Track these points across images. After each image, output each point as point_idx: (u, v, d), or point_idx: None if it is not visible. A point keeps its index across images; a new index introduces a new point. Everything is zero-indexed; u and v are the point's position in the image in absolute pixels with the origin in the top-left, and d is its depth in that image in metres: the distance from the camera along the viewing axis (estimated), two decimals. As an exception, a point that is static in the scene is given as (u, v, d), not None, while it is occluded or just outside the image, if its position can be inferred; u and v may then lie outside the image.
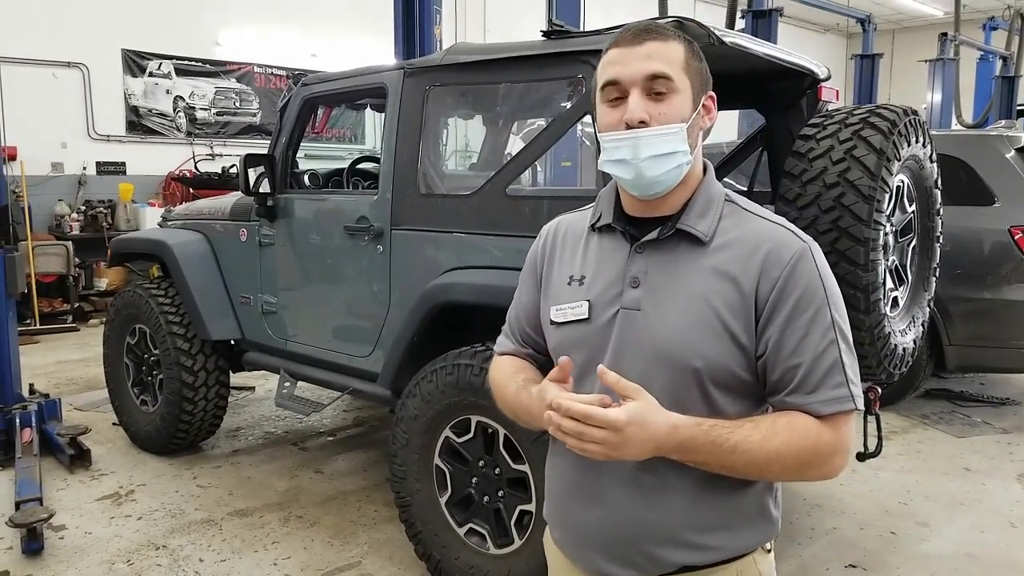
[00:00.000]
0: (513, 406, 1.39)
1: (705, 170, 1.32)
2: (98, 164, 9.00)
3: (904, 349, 2.89)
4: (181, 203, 7.76)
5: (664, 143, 1.21)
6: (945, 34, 12.46)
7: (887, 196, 2.62)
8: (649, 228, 1.28)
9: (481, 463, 2.83)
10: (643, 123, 1.20)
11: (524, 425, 1.41)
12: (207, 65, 9.84)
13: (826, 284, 1.22)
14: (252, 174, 3.66)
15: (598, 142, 2.64)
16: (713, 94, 1.30)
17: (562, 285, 1.36)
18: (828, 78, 3.23)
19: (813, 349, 1.19)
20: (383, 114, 3.38)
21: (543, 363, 1.46)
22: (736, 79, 3.11)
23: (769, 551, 1.34)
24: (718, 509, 1.26)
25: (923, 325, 3.13)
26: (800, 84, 3.19)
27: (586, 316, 1.30)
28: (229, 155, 9.87)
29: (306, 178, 4.06)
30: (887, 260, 2.79)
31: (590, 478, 1.30)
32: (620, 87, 1.22)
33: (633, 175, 1.23)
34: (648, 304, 1.25)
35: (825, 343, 1.19)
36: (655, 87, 1.21)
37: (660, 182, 1.24)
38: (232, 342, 4.20)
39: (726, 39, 2.53)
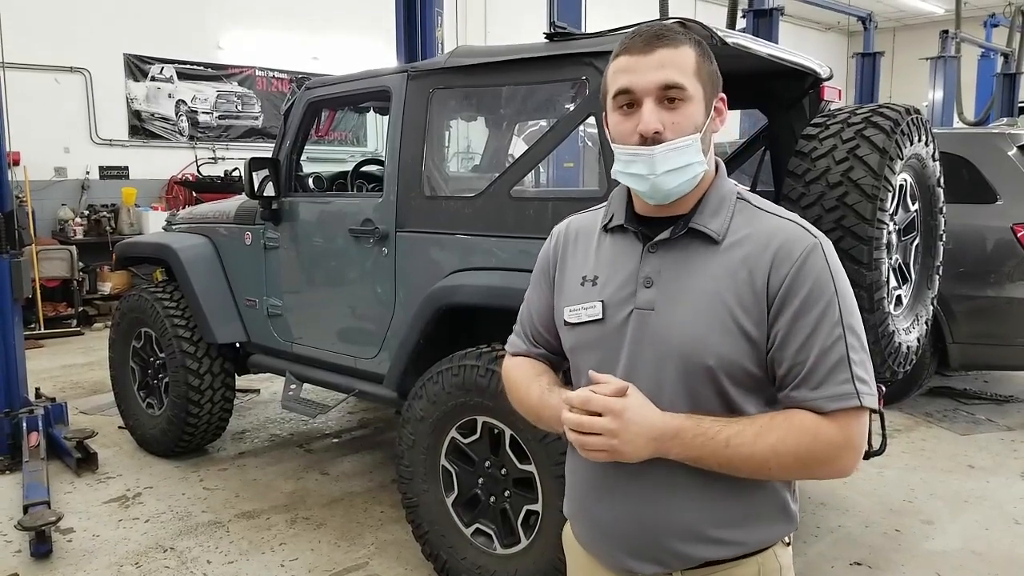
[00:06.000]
0: (537, 408, 1.39)
1: (716, 169, 1.32)
2: (101, 168, 9.02)
3: (908, 347, 2.90)
4: (184, 207, 7.80)
5: (679, 156, 1.21)
6: (946, 32, 12.44)
7: (890, 195, 2.63)
8: (662, 228, 1.29)
9: (487, 463, 2.84)
10: (658, 133, 1.20)
11: (546, 428, 1.41)
12: (209, 69, 9.86)
13: (836, 280, 1.21)
14: (256, 177, 3.68)
15: (602, 144, 2.65)
16: (723, 95, 1.30)
17: (575, 285, 1.36)
18: (830, 77, 3.24)
19: (820, 345, 1.18)
20: (386, 117, 3.39)
21: (555, 363, 1.47)
22: (738, 79, 3.12)
23: (788, 544, 1.35)
24: (738, 504, 1.27)
25: (927, 323, 3.14)
26: (802, 84, 3.20)
27: (600, 317, 1.30)
28: (231, 159, 9.90)
29: (310, 181, 4.07)
30: (890, 258, 2.80)
31: (611, 473, 1.30)
32: (632, 95, 1.22)
33: (649, 188, 1.24)
34: (661, 304, 1.25)
35: (832, 339, 1.18)
36: (668, 95, 1.21)
37: (675, 192, 1.25)
38: (237, 345, 4.22)
39: (728, 39, 2.54)
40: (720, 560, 1.28)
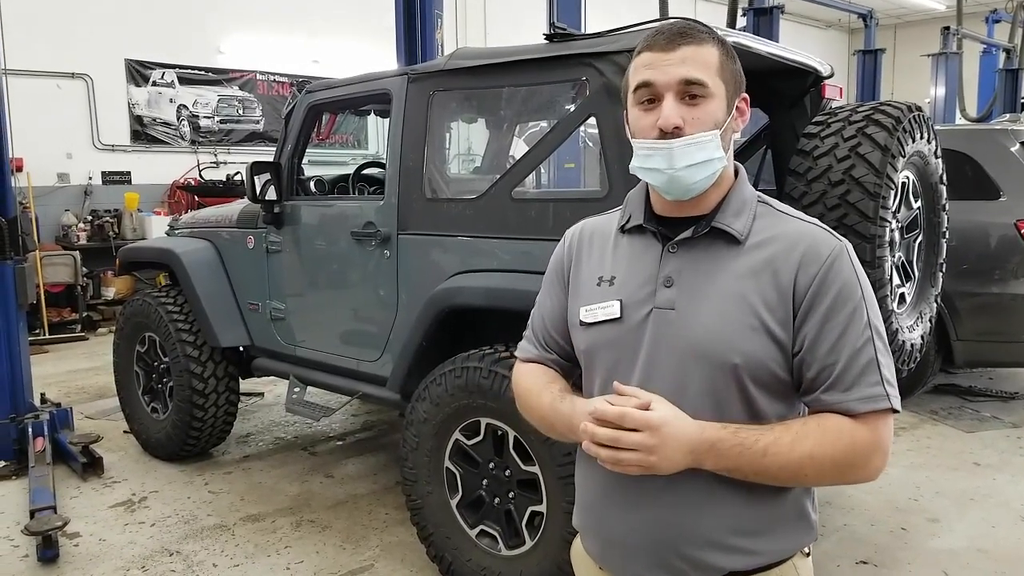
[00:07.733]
0: (549, 417, 1.36)
1: (737, 172, 1.32)
2: (104, 174, 9.05)
3: (912, 345, 2.89)
4: (187, 211, 7.81)
5: (699, 152, 1.20)
6: (947, 28, 12.43)
7: (892, 193, 2.63)
8: (681, 228, 1.27)
9: (491, 465, 2.84)
10: (677, 128, 1.19)
11: (558, 437, 1.38)
12: (210, 73, 9.88)
13: (862, 284, 1.22)
14: (258, 181, 3.68)
15: (604, 144, 2.65)
16: (746, 96, 1.29)
17: (591, 286, 1.34)
18: (831, 75, 3.24)
19: (850, 347, 1.18)
20: (387, 120, 3.39)
21: (567, 369, 1.44)
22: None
23: (807, 555, 1.33)
24: (758, 512, 1.24)
25: (930, 321, 3.14)
26: (803, 82, 3.20)
27: (618, 316, 1.28)
28: (233, 163, 9.92)
29: (312, 184, 4.08)
30: (894, 256, 2.79)
31: (627, 483, 1.27)
32: (654, 90, 1.21)
33: (667, 182, 1.23)
34: (683, 303, 1.24)
35: (862, 341, 1.18)
36: (690, 91, 1.20)
37: (695, 188, 1.24)
38: (241, 348, 4.22)
39: (728, 38, 2.54)
40: (740, 571, 1.25)
